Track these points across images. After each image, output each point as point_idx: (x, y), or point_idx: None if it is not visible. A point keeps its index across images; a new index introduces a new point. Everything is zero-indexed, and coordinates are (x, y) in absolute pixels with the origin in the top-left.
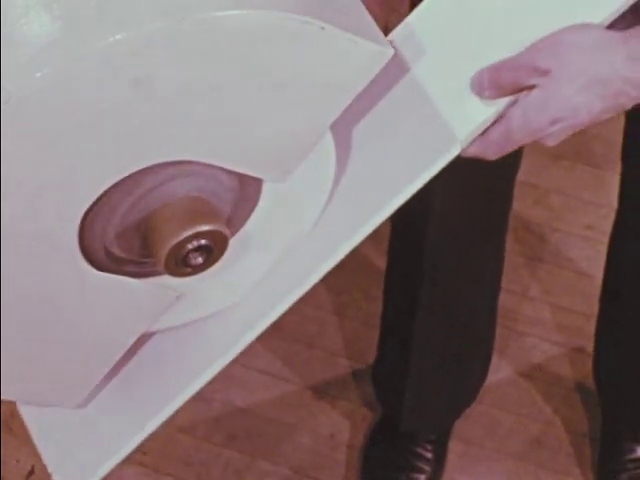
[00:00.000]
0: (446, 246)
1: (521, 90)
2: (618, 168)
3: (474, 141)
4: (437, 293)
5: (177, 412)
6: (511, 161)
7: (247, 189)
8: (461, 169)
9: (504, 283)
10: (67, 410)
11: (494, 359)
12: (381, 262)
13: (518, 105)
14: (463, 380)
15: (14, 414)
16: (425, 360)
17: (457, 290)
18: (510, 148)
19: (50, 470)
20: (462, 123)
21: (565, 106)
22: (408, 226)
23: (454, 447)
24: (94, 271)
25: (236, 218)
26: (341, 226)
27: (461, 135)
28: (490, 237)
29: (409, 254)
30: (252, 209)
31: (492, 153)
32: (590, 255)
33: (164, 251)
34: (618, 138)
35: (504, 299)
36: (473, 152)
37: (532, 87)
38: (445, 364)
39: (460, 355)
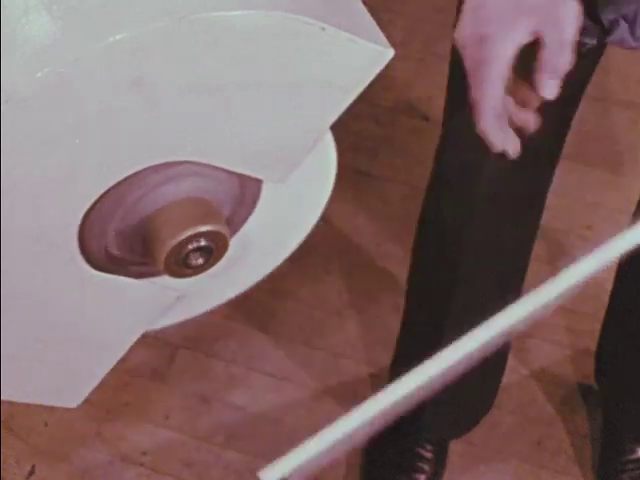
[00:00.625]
0: (484, 253)
1: None
2: (618, 169)
3: None
4: (471, 301)
5: (177, 412)
6: (550, 164)
7: (247, 189)
8: (504, 172)
9: None
10: None
11: None
12: (382, 263)
13: None
14: (484, 384)
15: (14, 414)
16: None
17: (489, 297)
18: None
19: None
20: None
21: None
22: (446, 230)
23: (455, 447)
24: (94, 271)
25: (236, 218)
26: None
27: None
28: (525, 243)
29: (444, 263)
30: (252, 209)
31: None
32: None
33: (164, 252)
34: (619, 139)
35: None
36: None
37: None
38: (467, 374)
39: (484, 361)
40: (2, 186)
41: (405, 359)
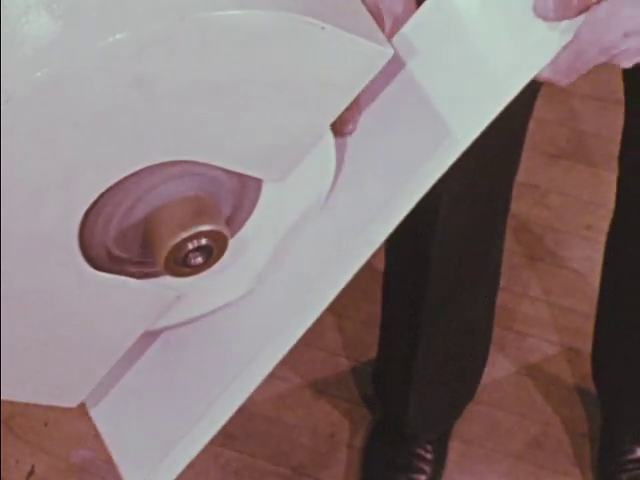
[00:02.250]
0: (452, 252)
1: (588, 8)
2: (617, 167)
3: (545, 67)
4: (442, 299)
5: None
6: (512, 161)
7: (247, 189)
8: (464, 173)
9: (504, 283)
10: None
11: (493, 359)
12: (380, 263)
13: (586, 21)
14: (464, 380)
15: (14, 414)
16: (429, 365)
17: (461, 294)
18: (582, 69)
19: (118, 467)
20: (529, 55)
21: (637, 16)
22: (412, 235)
23: (454, 447)
24: (94, 271)
25: (236, 218)
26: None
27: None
28: (492, 239)
29: (413, 263)
30: (252, 209)
31: (563, 76)
32: (589, 255)
33: (164, 251)
34: (617, 138)
35: (504, 299)
36: (545, 77)
37: (600, 2)
38: (447, 366)
39: (461, 356)
40: (2, 186)
41: (384, 356)
